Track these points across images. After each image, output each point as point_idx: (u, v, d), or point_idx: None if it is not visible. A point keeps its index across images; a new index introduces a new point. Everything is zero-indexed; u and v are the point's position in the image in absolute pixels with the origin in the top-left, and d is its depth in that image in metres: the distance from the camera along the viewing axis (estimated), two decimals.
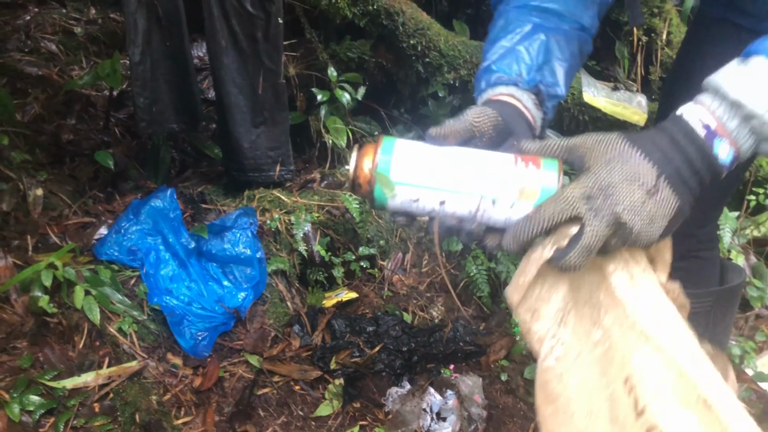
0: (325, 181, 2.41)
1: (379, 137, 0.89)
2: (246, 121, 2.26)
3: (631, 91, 2.37)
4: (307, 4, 2.31)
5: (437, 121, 2.59)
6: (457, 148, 0.87)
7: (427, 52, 2.31)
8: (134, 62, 2.13)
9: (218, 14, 2.17)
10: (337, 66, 2.48)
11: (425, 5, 2.91)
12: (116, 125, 2.64)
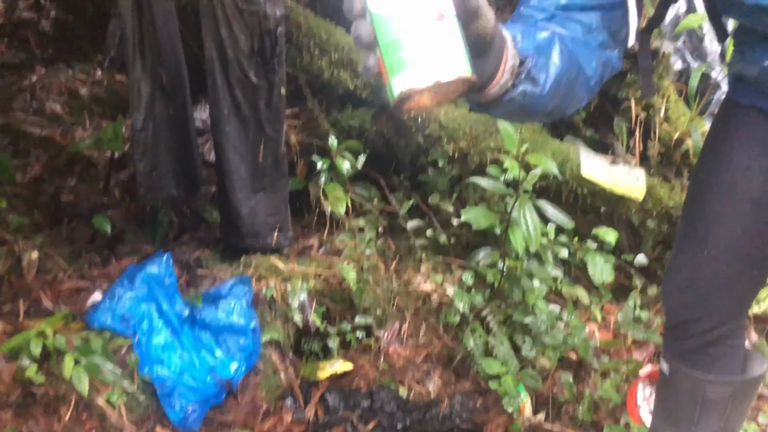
0: (323, 248, 2.40)
1: None
2: (245, 187, 2.27)
3: (629, 165, 2.39)
4: (310, 75, 2.34)
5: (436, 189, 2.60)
6: None
7: (428, 123, 2.33)
8: (136, 128, 2.15)
9: (222, 83, 2.20)
10: (338, 134, 2.50)
11: None
12: (116, 186, 2.65)
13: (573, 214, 2.63)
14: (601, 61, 1.13)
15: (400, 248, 2.51)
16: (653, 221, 2.49)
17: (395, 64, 0.72)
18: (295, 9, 2.27)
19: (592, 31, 1.13)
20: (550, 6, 1.12)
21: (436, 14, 0.72)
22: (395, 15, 0.72)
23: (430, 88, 0.72)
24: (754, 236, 1.40)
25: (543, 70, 0.99)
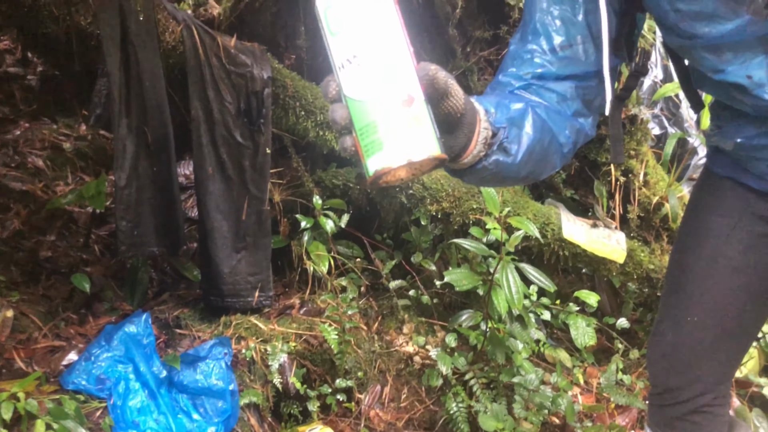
0: (304, 308, 2.38)
1: None
2: (227, 246, 2.26)
3: (610, 228, 2.41)
4: (296, 135, 2.37)
5: (419, 248, 2.61)
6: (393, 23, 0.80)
7: (411, 184, 2.35)
8: (119, 186, 2.14)
9: (207, 142, 2.21)
10: (322, 192, 2.51)
11: None
12: (97, 242, 2.63)
13: (555, 274, 2.65)
14: (574, 129, 1.18)
15: (383, 308, 2.50)
16: (634, 283, 2.50)
17: (370, 146, 0.78)
18: (282, 71, 2.30)
19: (566, 100, 1.17)
20: (526, 75, 1.17)
21: (405, 97, 0.77)
22: (369, 100, 0.77)
23: (403, 167, 0.78)
24: (736, 304, 1.41)
25: (515, 141, 1.03)
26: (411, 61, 0.80)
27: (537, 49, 1.17)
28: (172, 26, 2.14)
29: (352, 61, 0.78)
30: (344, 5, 0.78)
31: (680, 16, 1.12)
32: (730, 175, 1.38)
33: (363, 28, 0.78)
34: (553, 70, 1.16)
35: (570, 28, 1.16)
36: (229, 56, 2.19)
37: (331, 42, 0.80)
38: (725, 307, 1.42)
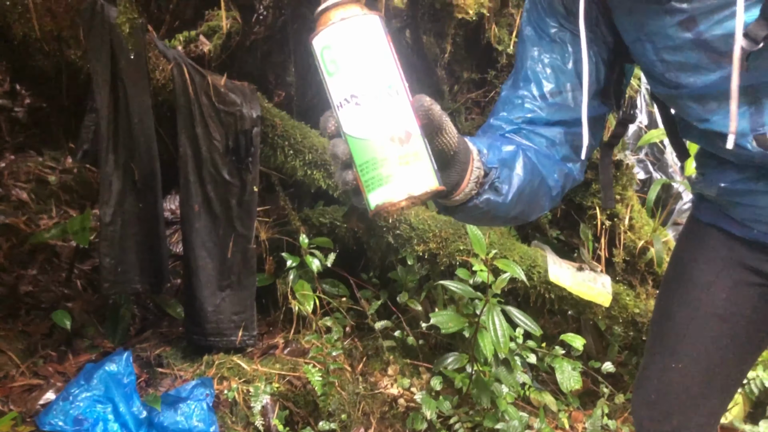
0: (288, 348, 2.35)
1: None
2: (212, 284, 2.24)
3: (595, 271, 2.42)
4: (284, 174, 2.37)
5: (405, 288, 2.60)
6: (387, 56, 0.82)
7: (398, 224, 2.35)
8: (104, 222, 2.12)
9: (194, 180, 2.20)
10: (309, 230, 2.50)
11: None
12: (79, 277, 2.59)
13: (541, 316, 2.65)
14: (563, 173, 1.20)
15: (368, 348, 2.47)
16: (620, 327, 2.50)
17: (371, 181, 0.81)
18: (272, 110, 2.31)
19: (555, 145, 1.20)
20: (517, 119, 1.20)
21: (403, 135, 0.80)
22: (368, 138, 0.80)
23: (404, 200, 0.81)
24: (721, 351, 1.41)
25: (506, 181, 1.05)
26: (407, 97, 0.82)
27: (528, 95, 1.20)
28: (163, 64, 2.14)
29: (350, 101, 0.80)
30: (340, 46, 0.80)
31: (666, 67, 1.15)
32: (714, 222, 1.40)
33: (359, 68, 0.80)
34: (542, 115, 1.19)
35: (560, 76, 1.20)
36: (219, 95, 2.19)
37: (328, 81, 0.82)
38: (709, 355, 1.42)
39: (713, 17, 1.04)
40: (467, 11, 2.17)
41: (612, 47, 1.22)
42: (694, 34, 1.07)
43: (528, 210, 1.15)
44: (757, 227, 1.29)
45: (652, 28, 1.12)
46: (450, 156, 0.93)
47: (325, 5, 0.82)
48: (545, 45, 1.22)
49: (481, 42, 2.47)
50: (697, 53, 1.09)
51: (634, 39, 1.17)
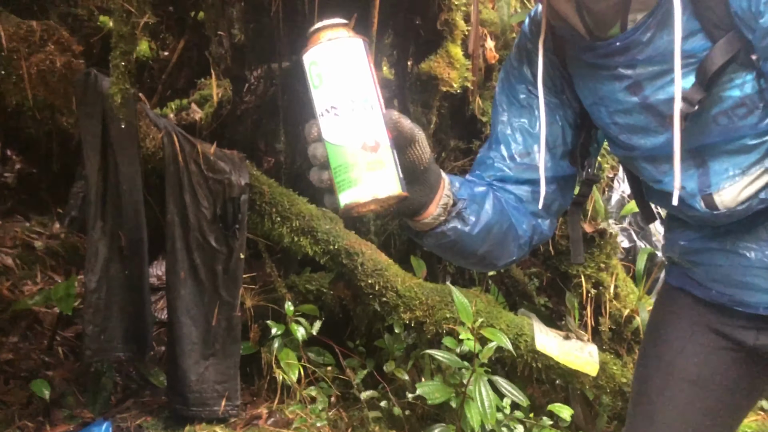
0: (272, 419, 2.31)
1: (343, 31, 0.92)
2: (196, 352, 2.21)
3: (582, 340, 2.41)
4: (270, 241, 2.38)
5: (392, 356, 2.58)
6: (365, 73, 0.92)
7: (385, 291, 2.35)
8: (89, 289, 2.11)
9: (181, 246, 2.21)
10: (295, 297, 2.49)
11: (384, 241, 3.02)
12: (61, 344, 2.56)
13: (528, 384, 2.62)
14: (531, 225, 1.26)
15: (353, 419, 2.43)
16: (607, 397, 2.48)
17: (343, 183, 0.91)
18: (260, 178, 2.34)
19: (523, 202, 1.27)
20: (489, 177, 1.28)
21: (373, 144, 0.90)
22: (343, 144, 0.90)
23: (369, 202, 0.90)
24: (696, 417, 1.41)
25: (474, 214, 1.13)
26: (380, 111, 0.92)
27: (498, 156, 1.29)
28: (153, 133, 2.18)
29: (330, 111, 0.90)
30: (326, 63, 0.90)
31: (619, 129, 1.22)
32: (681, 285, 1.42)
33: (340, 83, 0.90)
34: (511, 174, 1.27)
35: (527, 139, 1.27)
36: (208, 163, 2.22)
37: (313, 93, 0.92)
38: (685, 422, 1.42)
39: (656, 83, 1.10)
40: (452, 85, 2.23)
41: (578, 112, 1.30)
42: (641, 98, 1.14)
43: (496, 251, 1.20)
44: (715, 287, 1.31)
45: (604, 93, 1.19)
46: (420, 171, 1.01)
47: (316, 26, 0.92)
48: (515, 110, 1.30)
49: (466, 113, 2.54)
50: (645, 116, 1.16)
51: (591, 103, 1.25)
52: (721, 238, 1.25)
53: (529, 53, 1.29)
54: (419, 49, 2.51)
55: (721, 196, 1.16)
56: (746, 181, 1.13)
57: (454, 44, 2.25)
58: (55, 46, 2.12)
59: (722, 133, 1.10)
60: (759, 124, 1.07)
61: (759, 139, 1.09)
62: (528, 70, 1.29)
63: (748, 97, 1.06)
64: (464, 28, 2.27)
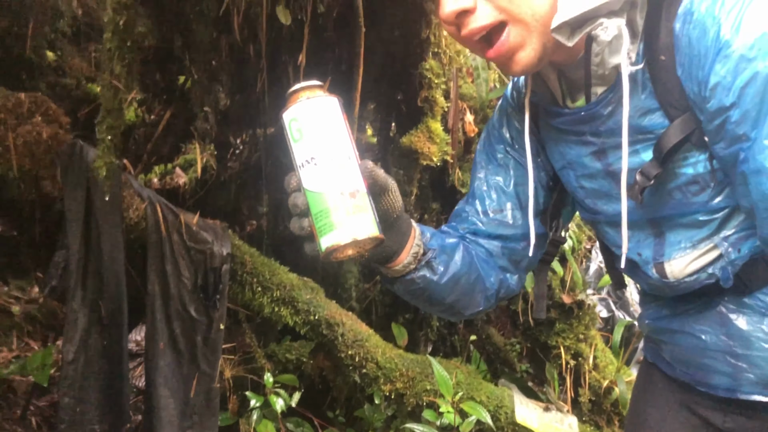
0: None
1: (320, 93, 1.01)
2: (173, 425, 2.18)
3: (562, 412, 2.41)
4: (251, 311, 2.38)
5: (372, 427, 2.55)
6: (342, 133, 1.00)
7: (365, 363, 2.35)
8: (66, 360, 2.09)
9: (161, 317, 2.20)
10: (275, 366, 2.48)
11: (366, 308, 3.03)
12: (35, 414, 2.51)
13: None
14: (498, 279, 1.34)
15: None
16: None
17: (323, 227, 0.97)
18: (242, 248, 2.35)
19: (493, 256, 1.35)
20: (462, 230, 1.36)
21: (351, 190, 0.97)
22: (323, 192, 0.97)
23: (349, 244, 0.97)
24: None
25: (443, 264, 1.20)
26: (356, 161, 1.00)
27: (472, 210, 1.37)
28: (137, 203, 2.20)
29: (310, 162, 0.98)
30: (305, 118, 0.98)
31: (585, 193, 1.29)
32: (654, 361, 1.46)
33: (319, 136, 0.98)
34: (484, 229, 1.35)
35: (501, 196, 1.35)
36: (191, 233, 2.24)
37: (293, 147, 1.00)
38: None
39: (618, 152, 1.16)
40: (431, 158, 2.29)
41: (551, 175, 1.38)
42: (604, 164, 1.21)
43: (463, 301, 1.28)
44: (679, 367, 1.34)
45: (573, 157, 1.26)
46: (393, 218, 1.09)
47: (295, 87, 1.01)
48: (492, 168, 1.38)
49: (446, 184, 2.59)
50: (608, 182, 1.22)
51: (561, 167, 1.32)
52: (681, 320, 1.30)
53: (509, 117, 1.38)
54: (401, 121, 2.58)
55: (672, 266, 1.22)
56: (695, 254, 1.19)
57: (434, 120, 2.32)
58: (43, 118, 2.16)
59: (677, 206, 1.17)
60: (709, 202, 1.14)
61: (710, 216, 1.15)
62: (507, 132, 1.38)
63: (700, 176, 1.12)
64: (444, 104, 2.34)
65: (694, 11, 1.03)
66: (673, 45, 1.06)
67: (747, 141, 1.00)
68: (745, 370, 1.19)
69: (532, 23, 1.07)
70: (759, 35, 0.96)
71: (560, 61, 1.19)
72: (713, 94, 1.02)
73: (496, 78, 2.83)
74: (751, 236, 1.13)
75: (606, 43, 1.08)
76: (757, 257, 1.14)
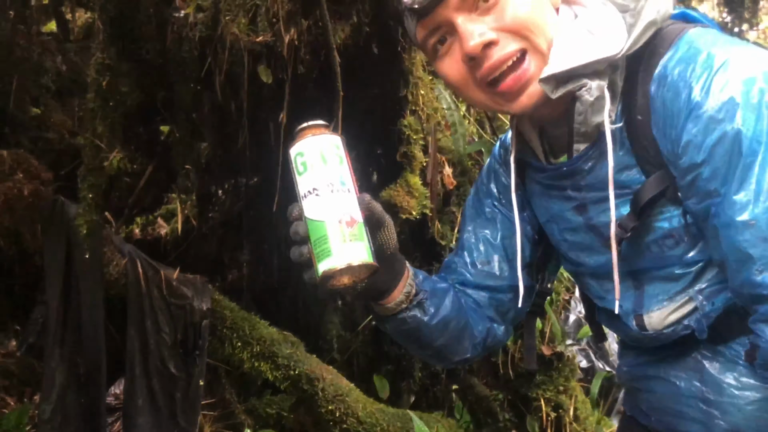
0: None
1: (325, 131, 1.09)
2: None
3: None
4: (231, 366, 2.37)
5: None
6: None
7: (345, 418, 2.34)
8: (43, 419, 2.08)
9: (140, 373, 2.19)
10: (255, 421, 2.47)
11: (348, 359, 3.02)
12: None
13: None
14: (486, 328, 1.36)
15: None
16: None
17: (321, 253, 1.03)
18: (222, 302, 2.36)
19: (481, 306, 1.37)
20: (452, 280, 1.38)
21: (349, 219, 1.04)
22: (323, 219, 1.04)
23: (344, 269, 1.02)
24: None
25: (434, 306, 1.24)
26: (355, 194, 1.07)
27: (461, 262, 1.40)
28: (117, 259, 2.20)
29: (312, 192, 1.05)
30: (310, 153, 1.06)
31: (568, 246, 1.32)
32: (631, 413, 1.47)
33: (322, 169, 1.06)
34: (472, 280, 1.38)
35: (489, 248, 1.39)
36: (171, 288, 2.24)
37: (298, 179, 1.08)
38: None
39: (598, 207, 1.21)
40: (411, 212, 2.32)
41: (536, 228, 1.41)
42: (585, 218, 1.25)
43: (452, 346, 1.31)
44: (654, 416, 1.36)
45: (556, 211, 1.31)
46: (388, 255, 1.13)
47: (302, 126, 1.09)
48: (480, 221, 1.42)
49: (426, 237, 2.61)
50: (590, 236, 1.26)
51: (545, 221, 1.36)
52: (657, 366, 1.33)
53: (496, 173, 1.44)
54: (381, 173, 2.62)
55: (650, 318, 1.25)
56: (672, 307, 1.22)
57: (413, 174, 2.35)
58: (24, 174, 2.18)
59: (654, 260, 1.20)
60: (684, 256, 1.18)
61: (685, 270, 1.19)
62: (495, 187, 1.43)
63: (675, 230, 1.16)
64: (422, 159, 2.38)
65: (668, 75, 1.09)
66: (649, 106, 1.12)
67: (717, 197, 1.05)
68: (716, 417, 1.21)
69: (547, 55, 1.14)
70: (726, 99, 1.02)
71: (544, 116, 1.24)
72: (685, 151, 1.07)
73: (474, 131, 2.89)
74: (724, 289, 1.16)
75: (589, 104, 1.13)
76: (731, 309, 1.17)
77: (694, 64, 1.06)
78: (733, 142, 1.01)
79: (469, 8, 1.13)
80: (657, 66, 1.12)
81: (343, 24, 1.90)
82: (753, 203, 1.00)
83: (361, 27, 1.91)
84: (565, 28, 1.16)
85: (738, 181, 1.01)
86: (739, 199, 1.01)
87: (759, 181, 1.00)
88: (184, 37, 1.94)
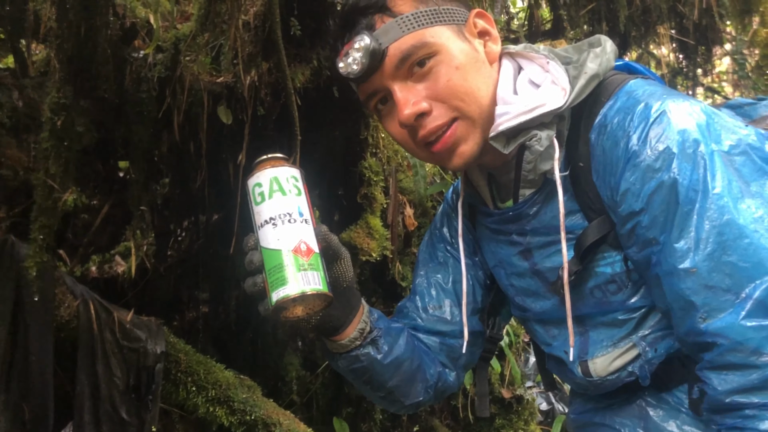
0: None
1: (282, 163, 1.11)
2: None
3: None
4: (185, 411, 2.31)
5: None
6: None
7: None
8: None
9: (89, 420, 2.11)
10: None
11: (307, 402, 2.97)
12: None
13: None
14: (438, 372, 1.37)
15: None
16: None
17: (276, 281, 1.02)
18: (177, 345, 2.30)
19: (432, 351, 1.38)
20: (404, 324, 1.39)
21: (305, 249, 1.04)
22: (279, 248, 1.03)
23: (298, 298, 1.01)
24: None
25: (387, 345, 1.24)
26: (312, 223, 1.07)
27: (413, 306, 1.42)
28: (69, 301, 2.14)
29: (269, 222, 1.05)
30: (267, 184, 1.07)
31: (515, 291, 1.34)
32: None
33: (279, 200, 1.06)
34: (423, 324, 1.39)
35: (440, 293, 1.40)
36: (124, 331, 2.19)
37: (254, 209, 1.08)
38: None
39: (543, 251, 1.23)
40: (371, 254, 2.32)
41: (488, 274, 1.43)
42: (530, 263, 1.27)
43: (404, 388, 1.31)
44: None
45: (502, 256, 1.33)
46: (343, 288, 1.14)
47: (262, 158, 1.10)
48: (433, 266, 1.44)
49: (387, 278, 2.61)
50: (535, 281, 1.28)
51: (493, 265, 1.38)
52: (603, 414, 1.34)
53: (449, 217, 1.46)
54: (342, 214, 2.62)
55: (595, 365, 1.26)
56: (616, 353, 1.23)
57: (374, 215, 2.36)
58: None
59: (597, 305, 1.22)
60: (627, 301, 1.19)
61: (628, 315, 1.21)
62: (447, 231, 1.45)
63: (617, 275, 1.18)
64: (383, 200, 2.39)
65: (608, 124, 1.12)
66: (590, 153, 1.15)
67: (657, 245, 1.06)
68: None
69: (478, 120, 1.17)
70: (663, 149, 1.04)
71: (490, 164, 1.26)
72: (624, 199, 1.09)
73: (435, 172, 2.91)
74: (667, 336, 1.18)
75: (539, 153, 1.15)
76: (673, 356, 1.19)
77: (632, 114, 1.09)
78: (671, 190, 1.04)
79: (404, 75, 1.16)
80: (598, 115, 1.15)
81: (304, 67, 1.91)
82: (693, 251, 1.02)
83: (322, 70, 1.93)
84: (508, 82, 1.19)
85: (678, 228, 1.03)
86: (680, 247, 1.03)
87: (698, 229, 1.01)
88: (143, 78, 1.93)
